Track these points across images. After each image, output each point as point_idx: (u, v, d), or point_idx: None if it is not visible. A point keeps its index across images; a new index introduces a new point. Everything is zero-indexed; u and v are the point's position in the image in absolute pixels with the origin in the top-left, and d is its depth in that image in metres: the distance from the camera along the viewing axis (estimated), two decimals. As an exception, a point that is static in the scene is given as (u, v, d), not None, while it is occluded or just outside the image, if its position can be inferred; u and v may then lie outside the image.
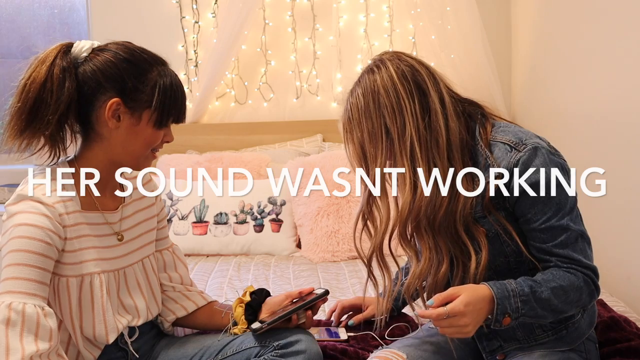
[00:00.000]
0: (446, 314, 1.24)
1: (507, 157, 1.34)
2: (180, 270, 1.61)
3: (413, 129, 1.34)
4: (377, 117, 1.36)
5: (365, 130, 1.38)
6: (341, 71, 3.30)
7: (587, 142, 2.44)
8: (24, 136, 1.32)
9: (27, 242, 1.25)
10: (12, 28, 3.47)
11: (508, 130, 1.38)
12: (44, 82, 1.31)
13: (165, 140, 1.43)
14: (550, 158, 1.34)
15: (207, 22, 3.29)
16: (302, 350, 1.44)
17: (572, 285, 1.31)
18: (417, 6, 3.15)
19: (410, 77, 1.37)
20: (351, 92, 1.42)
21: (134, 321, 1.46)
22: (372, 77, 1.38)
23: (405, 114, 1.35)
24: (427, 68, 1.40)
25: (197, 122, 3.32)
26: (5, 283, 1.23)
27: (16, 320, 1.19)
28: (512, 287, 1.29)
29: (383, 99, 1.36)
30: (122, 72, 1.34)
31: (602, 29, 2.38)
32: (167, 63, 1.41)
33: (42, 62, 1.33)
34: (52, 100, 1.30)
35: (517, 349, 1.44)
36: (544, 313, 1.31)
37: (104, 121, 1.35)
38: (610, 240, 2.30)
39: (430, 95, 1.36)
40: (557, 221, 1.32)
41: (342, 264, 2.57)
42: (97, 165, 1.39)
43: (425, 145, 1.34)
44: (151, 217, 1.54)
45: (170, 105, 1.38)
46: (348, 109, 1.41)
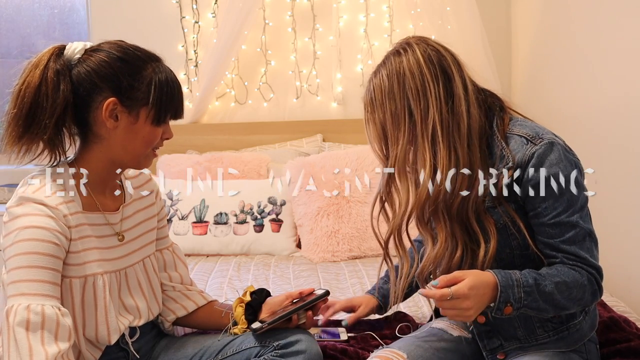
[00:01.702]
0: (450, 295, 1.24)
1: (523, 149, 1.34)
2: (180, 270, 1.61)
3: (436, 112, 1.35)
4: (400, 99, 1.37)
5: (388, 112, 1.38)
6: (341, 71, 3.29)
7: (587, 142, 2.44)
8: (23, 142, 1.32)
9: (36, 244, 1.25)
10: (12, 28, 3.47)
11: (525, 125, 1.39)
12: (39, 86, 1.31)
13: (165, 137, 1.42)
14: (565, 155, 1.34)
15: (207, 22, 3.29)
16: (302, 350, 1.44)
17: (576, 282, 1.32)
18: (417, 6, 3.15)
19: (436, 61, 1.38)
20: (375, 73, 1.42)
21: (135, 321, 1.46)
22: (399, 59, 1.39)
23: (430, 97, 1.35)
24: (452, 54, 1.41)
25: (197, 122, 3.32)
26: (17, 285, 1.23)
27: (36, 322, 1.20)
28: (517, 277, 1.30)
29: (408, 81, 1.36)
30: (116, 71, 1.33)
31: (602, 29, 2.38)
32: (162, 59, 1.40)
33: (35, 66, 1.32)
34: (48, 104, 1.30)
35: (517, 348, 1.44)
36: (546, 307, 1.31)
37: (101, 122, 1.34)
38: (611, 240, 2.30)
39: (455, 80, 1.37)
40: (567, 217, 1.33)
41: (342, 264, 2.57)
42: (96, 166, 1.39)
43: (447, 129, 1.35)
44: (151, 217, 1.54)
45: (167, 101, 1.37)
46: (371, 90, 1.42)
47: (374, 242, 2.61)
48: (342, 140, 3.20)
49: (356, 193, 2.71)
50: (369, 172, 2.76)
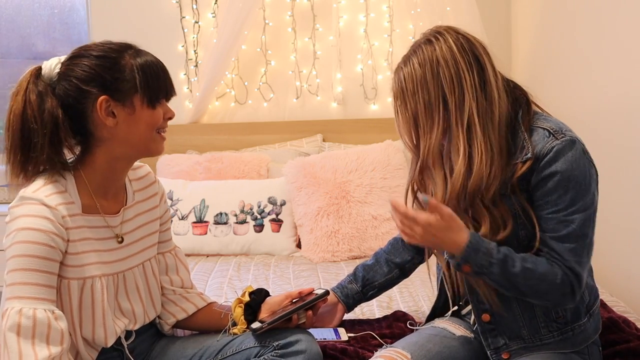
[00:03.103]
0: (413, 218, 1.29)
1: (544, 141, 1.34)
2: (182, 274, 1.60)
3: (472, 100, 1.34)
4: (434, 88, 1.36)
5: (420, 101, 1.37)
6: (341, 71, 3.29)
7: (587, 141, 2.42)
8: (26, 167, 1.34)
9: (31, 247, 1.25)
10: (12, 28, 3.47)
11: (550, 120, 1.40)
12: (24, 110, 1.32)
13: (167, 117, 1.42)
14: (583, 155, 1.35)
15: (207, 22, 3.29)
16: (302, 350, 1.44)
17: (546, 277, 1.32)
18: (417, 6, 3.15)
19: (468, 49, 1.37)
20: (404, 62, 1.40)
21: (131, 325, 1.46)
22: (431, 47, 1.37)
23: (465, 85, 1.35)
24: (481, 44, 1.41)
25: (197, 122, 3.32)
26: (12, 288, 1.24)
27: (27, 326, 1.20)
28: (489, 246, 1.32)
29: (442, 70, 1.35)
30: (96, 70, 1.34)
31: (602, 29, 2.38)
32: (135, 45, 1.40)
33: (16, 93, 1.34)
34: (38, 125, 1.31)
35: (521, 348, 1.43)
36: (505, 284, 1.34)
37: (101, 123, 1.35)
38: (611, 240, 2.30)
39: (487, 69, 1.37)
40: (565, 216, 1.33)
41: (342, 264, 2.57)
42: (100, 168, 1.39)
43: (483, 117, 1.35)
44: (154, 220, 1.53)
45: (154, 81, 1.37)
46: (402, 79, 1.39)
47: (374, 242, 2.61)
48: (342, 140, 3.20)
49: (356, 193, 2.71)
50: (368, 172, 2.77)
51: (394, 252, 1.73)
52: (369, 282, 1.71)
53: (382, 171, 2.79)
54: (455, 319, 1.57)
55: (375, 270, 1.72)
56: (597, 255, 1.41)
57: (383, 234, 2.62)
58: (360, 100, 3.31)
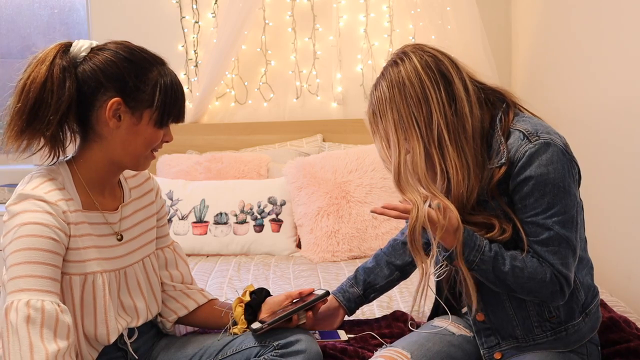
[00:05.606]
0: (404, 209, 1.34)
1: (517, 144, 1.35)
2: (181, 268, 1.61)
3: (440, 117, 1.35)
4: (403, 108, 1.37)
5: (390, 122, 1.39)
6: (341, 71, 3.29)
7: (587, 141, 2.44)
8: (24, 137, 1.31)
9: (35, 240, 1.25)
10: (12, 28, 3.47)
11: (529, 121, 1.40)
12: (44, 82, 1.30)
13: (165, 140, 1.42)
14: (559, 157, 1.33)
15: (207, 22, 3.29)
16: (302, 350, 1.44)
17: (535, 276, 1.33)
18: (417, 6, 3.15)
19: (434, 67, 1.38)
20: (375, 86, 1.43)
21: (133, 322, 1.46)
22: (397, 69, 1.39)
23: (432, 103, 1.36)
24: (449, 58, 1.42)
25: (197, 122, 3.32)
26: (16, 281, 1.22)
27: (36, 318, 1.19)
28: (482, 244, 1.34)
29: (408, 90, 1.37)
30: (122, 71, 1.33)
31: (602, 29, 2.38)
32: (167, 62, 1.41)
33: (41, 61, 1.32)
34: (53, 101, 1.30)
35: (514, 348, 1.44)
36: (495, 281, 1.36)
37: (104, 121, 1.35)
38: (611, 240, 2.30)
39: (455, 83, 1.38)
40: (543, 219, 1.33)
41: (342, 264, 2.57)
42: (95, 165, 1.39)
43: (454, 132, 1.36)
44: (151, 216, 1.54)
45: (171, 105, 1.37)
46: (373, 103, 1.42)
47: (374, 242, 2.61)
48: (342, 140, 3.20)
49: (356, 193, 2.71)
50: (368, 172, 2.77)
51: (394, 254, 1.73)
52: (371, 285, 1.71)
53: (382, 171, 2.79)
54: (455, 318, 1.57)
55: (376, 273, 1.72)
56: (597, 255, 1.41)
57: (383, 234, 2.62)
58: (360, 100, 3.31)
